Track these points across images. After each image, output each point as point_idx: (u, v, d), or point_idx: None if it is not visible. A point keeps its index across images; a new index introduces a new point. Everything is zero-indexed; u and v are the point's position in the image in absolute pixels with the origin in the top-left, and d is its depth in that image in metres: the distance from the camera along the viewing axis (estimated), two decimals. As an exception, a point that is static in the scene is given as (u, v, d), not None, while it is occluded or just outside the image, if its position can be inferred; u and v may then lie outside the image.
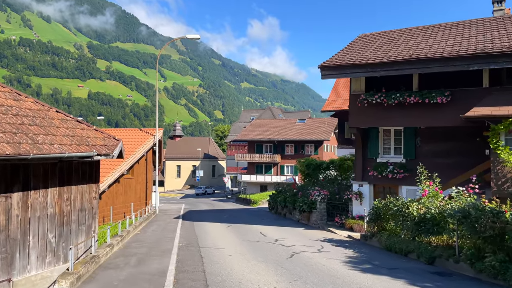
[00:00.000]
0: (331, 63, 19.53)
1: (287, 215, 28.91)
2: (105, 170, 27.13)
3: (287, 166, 67.71)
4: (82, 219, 12.60)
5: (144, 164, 31.97)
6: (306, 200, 24.71)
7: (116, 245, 15.11)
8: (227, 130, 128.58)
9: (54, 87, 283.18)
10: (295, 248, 15.65)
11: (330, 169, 32.10)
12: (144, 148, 30.86)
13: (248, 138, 70.00)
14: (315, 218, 23.25)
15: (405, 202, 14.97)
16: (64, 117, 12.54)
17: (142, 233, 20.04)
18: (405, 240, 14.42)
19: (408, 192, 19.96)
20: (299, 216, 25.96)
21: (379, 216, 16.45)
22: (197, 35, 31.72)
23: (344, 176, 30.77)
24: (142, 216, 25.55)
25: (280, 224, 24.38)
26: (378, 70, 18.42)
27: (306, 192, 26.82)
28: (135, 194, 30.91)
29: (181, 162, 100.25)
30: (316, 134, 66.41)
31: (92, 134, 12.60)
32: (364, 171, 21.27)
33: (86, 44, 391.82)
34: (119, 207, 28.62)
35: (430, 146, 19.80)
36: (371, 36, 24.51)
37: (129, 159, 28.54)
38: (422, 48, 18.77)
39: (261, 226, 23.07)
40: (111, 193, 27.80)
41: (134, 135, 32.68)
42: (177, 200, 66.47)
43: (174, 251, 14.80)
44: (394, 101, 18.88)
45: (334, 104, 46.23)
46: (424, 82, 19.44)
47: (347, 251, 15.17)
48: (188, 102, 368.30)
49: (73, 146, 11.12)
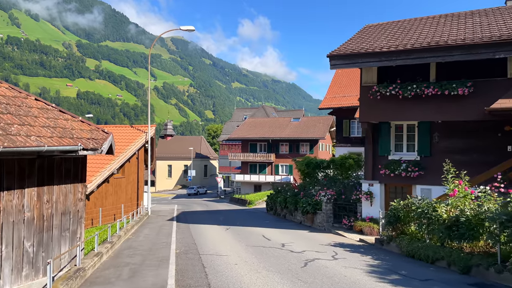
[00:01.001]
0: (341, 52, 17.93)
1: (287, 217, 27.30)
2: (94, 168, 25.32)
3: (281, 166, 66.09)
4: (66, 224, 10.87)
5: (135, 163, 30.20)
6: (309, 201, 23.11)
7: (105, 253, 13.33)
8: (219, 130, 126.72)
9: (42, 86, 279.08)
10: (307, 254, 14.02)
11: (330, 168, 30.47)
12: (136, 146, 29.08)
13: (241, 137, 68.27)
14: (320, 220, 21.65)
15: (430, 203, 13.39)
16: (45, 106, 10.82)
17: (135, 238, 18.28)
18: (432, 246, 12.84)
19: (422, 192, 18.40)
20: (301, 218, 24.36)
21: (398, 219, 14.85)
22: (191, 27, 29.99)
23: (345, 176, 29.22)
24: (134, 218, 23.78)
25: (281, 226, 22.77)
26: (393, 59, 16.84)
27: (308, 192, 25.22)
28: (125, 195, 29.13)
29: (172, 162, 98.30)
30: (311, 132, 64.84)
31: (78, 126, 10.88)
32: (374, 169, 19.68)
33: (75, 43, 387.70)
34: (108, 208, 26.83)
35: (447, 142, 18.27)
36: (379, 26, 22.94)
37: (119, 157, 26.77)
38: (440, 36, 17.23)
39: (262, 229, 21.43)
40: (100, 193, 26.01)
41: (125, 132, 30.87)
42: (168, 200, 64.63)
43: (172, 260, 13.08)
44: (410, 93, 17.32)
45: (331, 101, 44.75)
46: (441, 73, 17.90)
47: (365, 257, 13.57)
48: (179, 102, 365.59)
49: (54, 139, 9.41)
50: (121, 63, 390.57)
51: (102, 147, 10.51)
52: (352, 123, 43.57)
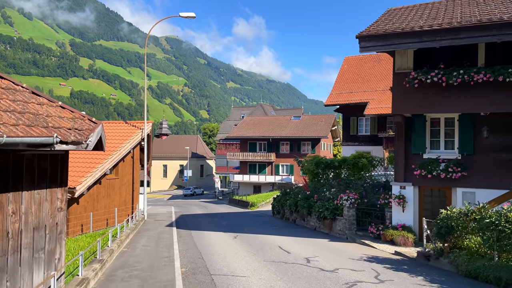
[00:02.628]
0: (372, 32, 15.30)
1: (298, 221, 24.70)
2: (84, 168, 22.61)
3: (282, 166, 63.44)
4: (40, 243, 8.17)
5: (130, 163, 27.45)
6: (327, 205, 20.45)
7: (93, 277, 10.47)
8: (215, 129, 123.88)
9: (35, 86, 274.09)
10: (342, 274, 11.37)
11: (342, 168, 27.84)
12: (131, 144, 26.33)
13: (240, 135, 65.55)
14: (341, 227, 19.00)
15: (499, 212, 10.78)
16: (12, 86, 8.11)
17: (130, 251, 15.52)
18: (504, 266, 10.24)
19: (465, 196, 15.83)
20: (316, 223, 21.74)
21: (451, 229, 12.21)
22: (192, 13, 27.32)
23: (358, 176, 26.67)
24: (129, 225, 21.03)
25: (295, 234, 20.14)
26: (438, 39, 14.22)
27: (322, 195, 22.61)
28: (119, 197, 26.38)
29: (167, 162, 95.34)
30: (313, 131, 62.22)
31: (56, 112, 8.19)
32: (407, 170, 17.04)
33: (68, 42, 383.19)
34: (100, 213, 24.11)
35: (494, 138, 15.67)
36: (405, 9, 20.27)
37: (112, 156, 24.03)
38: (488, 13, 14.63)
39: (274, 237, 18.78)
40: (91, 196, 23.28)
41: (119, 129, 28.11)
42: (164, 202, 61.84)
43: (179, 284, 10.35)
44: (456, 80, 14.71)
45: (338, 97, 42.14)
46: (490, 56, 15.30)
47: (416, 279, 10.94)
48: (173, 102, 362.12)
49: (20, 127, 6.71)
50: (115, 62, 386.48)
51: (88, 140, 7.82)
52: (360, 121, 41.01)
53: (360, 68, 44.33)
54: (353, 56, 46.57)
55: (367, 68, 43.88)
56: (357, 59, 45.75)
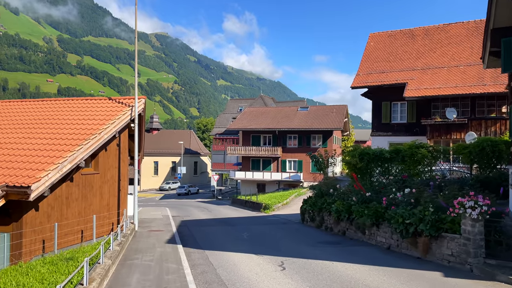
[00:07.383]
0: None
1: (349, 233, 17.59)
2: (45, 158, 15.42)
3: (289, 161, 56.39)
4: None
5: (115, 152, 20.19)
6: (419, 214, 13.17)
7: None
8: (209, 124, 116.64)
9: (21, 82, 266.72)
10: None
11: (393, 161, 20.68)
12: (116, 125, 19.01)
13: (242, 128, 58.36)
14: (457, 250, 11.56)
15: None
16: None
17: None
18: None
19: None
20: (391, 240, 14.55)
21: None
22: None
23: (414, 172, 19.61)
24: (112, 247, 13.56)
25: (365, 257, 13.03)
26: None
27: (391, 198, 15.50)
28: (100, 200, 19.10)
29: (159, 158, 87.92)
30: (324, 123, 55.25)
31: None
32: None
33: (56, 38, 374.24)
34: (72, 223, 16.85)
35: None
36: None
37: (88, 140, 16.75)
38: None
39: (340, 265, 11.70)
40: (58, 199, 16.02)
41: (100, 106, 20.78)
42: (156, 201, 54.50)
43: None
44: None
45: (367, 78, 34.97)
46: None
47: None
48: (163, 99, 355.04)
49: None
50: (103, 59, 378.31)
51: None
52: (393, 106, 33.93)
53: (390, 45, 37.34)
54: (379, 32, 39.55)
55: (398, 45, 36.91)
56: (385, 36, 38.77)
